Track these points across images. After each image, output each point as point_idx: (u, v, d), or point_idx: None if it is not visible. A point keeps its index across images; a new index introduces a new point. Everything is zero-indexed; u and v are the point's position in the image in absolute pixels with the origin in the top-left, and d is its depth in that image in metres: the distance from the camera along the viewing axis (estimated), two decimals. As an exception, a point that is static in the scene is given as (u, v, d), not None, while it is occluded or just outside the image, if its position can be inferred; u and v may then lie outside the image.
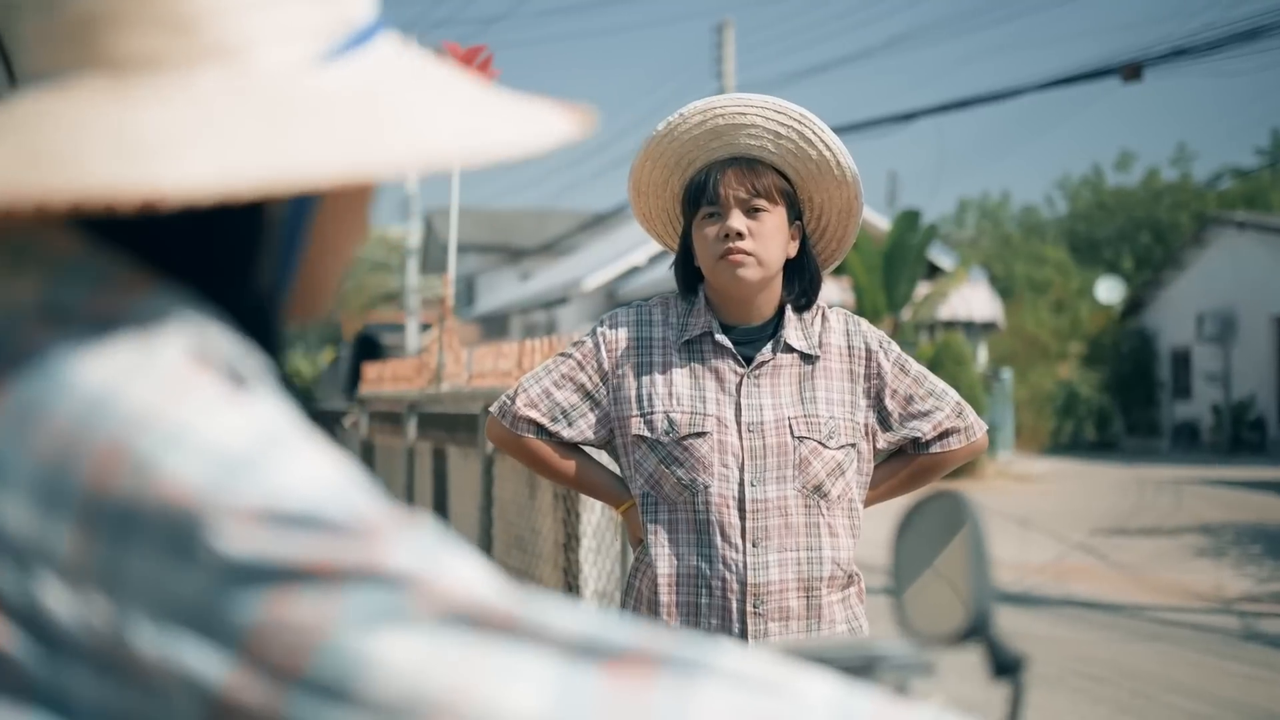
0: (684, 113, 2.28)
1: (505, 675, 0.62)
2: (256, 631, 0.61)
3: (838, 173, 2.29)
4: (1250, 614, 8.78)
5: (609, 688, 0.63)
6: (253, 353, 0.73)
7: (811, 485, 2.24)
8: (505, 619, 0.63)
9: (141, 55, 0.69)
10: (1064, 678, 6.78)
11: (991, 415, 20.05)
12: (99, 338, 0.66)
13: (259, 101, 0.68)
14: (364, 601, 0.62)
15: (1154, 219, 37.88)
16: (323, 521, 0.63)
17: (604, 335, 2.34)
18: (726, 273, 2.26)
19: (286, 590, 0.61)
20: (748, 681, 0.66)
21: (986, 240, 44.82)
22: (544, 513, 4.66)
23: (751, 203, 2.25)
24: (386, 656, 0.61)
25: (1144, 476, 18.58)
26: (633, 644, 0.65)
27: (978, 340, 22.94)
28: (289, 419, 0.68)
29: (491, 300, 32.06)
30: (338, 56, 0.73)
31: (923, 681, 0.96)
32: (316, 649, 0.61)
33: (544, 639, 0.63)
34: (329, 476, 0.65)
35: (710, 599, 2.23)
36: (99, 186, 0.63)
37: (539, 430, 2.35)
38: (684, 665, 0.65)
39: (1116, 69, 12.82)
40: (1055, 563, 11.01)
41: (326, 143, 0.67)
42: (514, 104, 0.76)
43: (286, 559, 0.62)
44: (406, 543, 0.64)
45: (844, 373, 2.32)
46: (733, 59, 18.55)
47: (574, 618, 0.65)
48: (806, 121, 2.26)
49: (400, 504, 0.69)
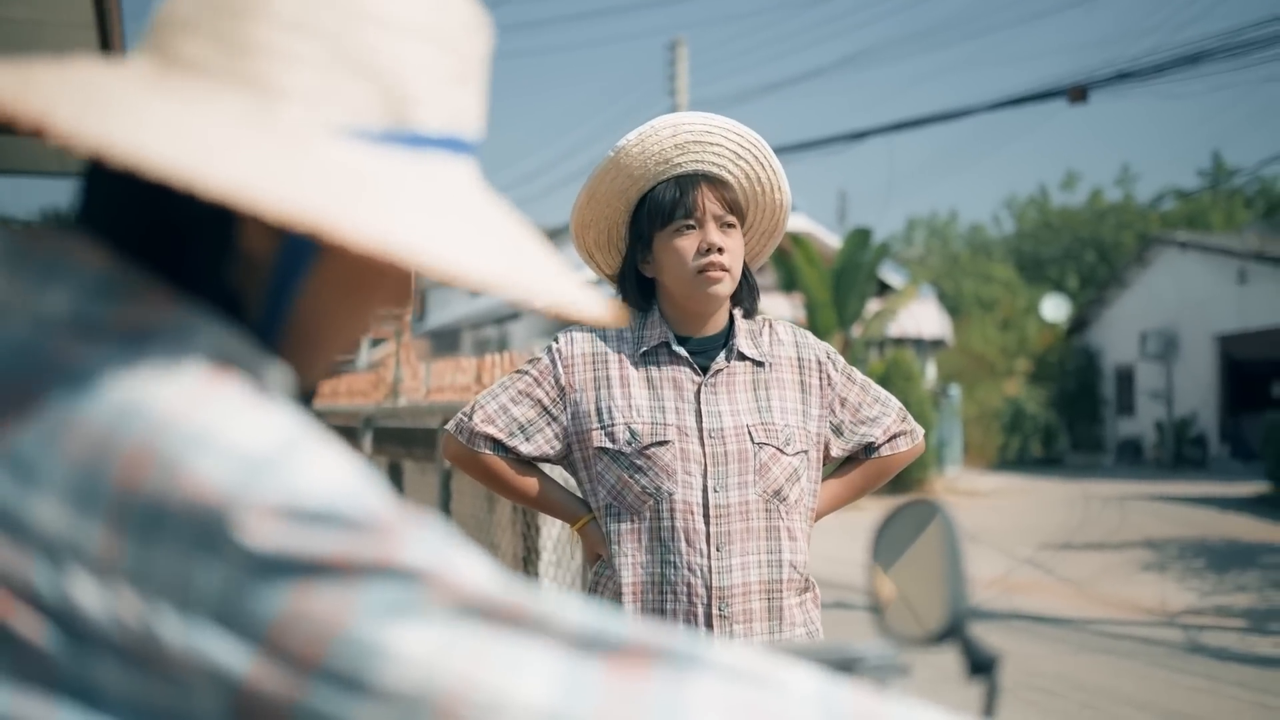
0: (655, 125, 2.33)
1: (514, 666, 0.65)
2: (278, 623, 0.64)
3: (777, 196, 2.39)
4: (1194, 627, 8.92)
5: (611, 679, 0.66)
6: (274, 364, 0.76)
7: (772, 490, 2.29)
8: (514, 612, 0.66)
9: (190, 58, 0.74)
10: (1014, 690, 6.86)
11: (940, 431, 20.26)
12: (128, 348, 0.70)
13: (263, 130, 0.72)
14: (380, 595, 0.65)
15: (1098, 238, 38.42)
16: (341, 518, 0.66)
17: (559, 351, 2.37)
18: (703, 287, 2.30)
19: (307, 583, 0.64)
20: (739, 674, 0.70)
21: (935, 258, 45.25)
22: (503, 527, 4.67)
23: (725, 218, 2.32)
24: (401, 647, 0.64)
25: (1089, 492, 18.82)
26: (632, 637, 0.68)
27: (927, 357, 23.17)
28: (306, 424, 0.71)
29: (442, 315, 31.92)
30: (374, 142, 0.76)
31: (899, 681, 1.00)
32: (335, 640, 0.64)
33: (550, 631, 0.67)
34: (346, 477, 0.68)
35: (676, 604, 2.26)
36: (65, 120, 0.66)
37: (496, 446, 2.36)
38: (680, 658, 0.68)
39: (1063, 91, 13.05)
40: (1003, 577, 11.13)
41: (289, 184, 0.69)
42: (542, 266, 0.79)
43: (307, 553, 0.65)
44: (418, 539, 0.67)
45: (795, 383, 2.38)
46: (685, 76, 18.65)
47: (577, 611, 0.68)
48: (759, 147, 2.35)
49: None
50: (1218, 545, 12.90)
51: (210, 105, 0.72)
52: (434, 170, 0.78)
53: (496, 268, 0.74)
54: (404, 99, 0.77)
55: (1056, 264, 39.24)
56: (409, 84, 0.78)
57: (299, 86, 0.74)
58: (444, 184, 0.78)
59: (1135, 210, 38.53)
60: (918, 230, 52.02)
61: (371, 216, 0.70)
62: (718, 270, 2.29)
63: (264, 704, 0.64)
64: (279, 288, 0.80)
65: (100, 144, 0.65)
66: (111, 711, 0.65)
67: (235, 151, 0.69)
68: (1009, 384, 29.89)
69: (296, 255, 0.80)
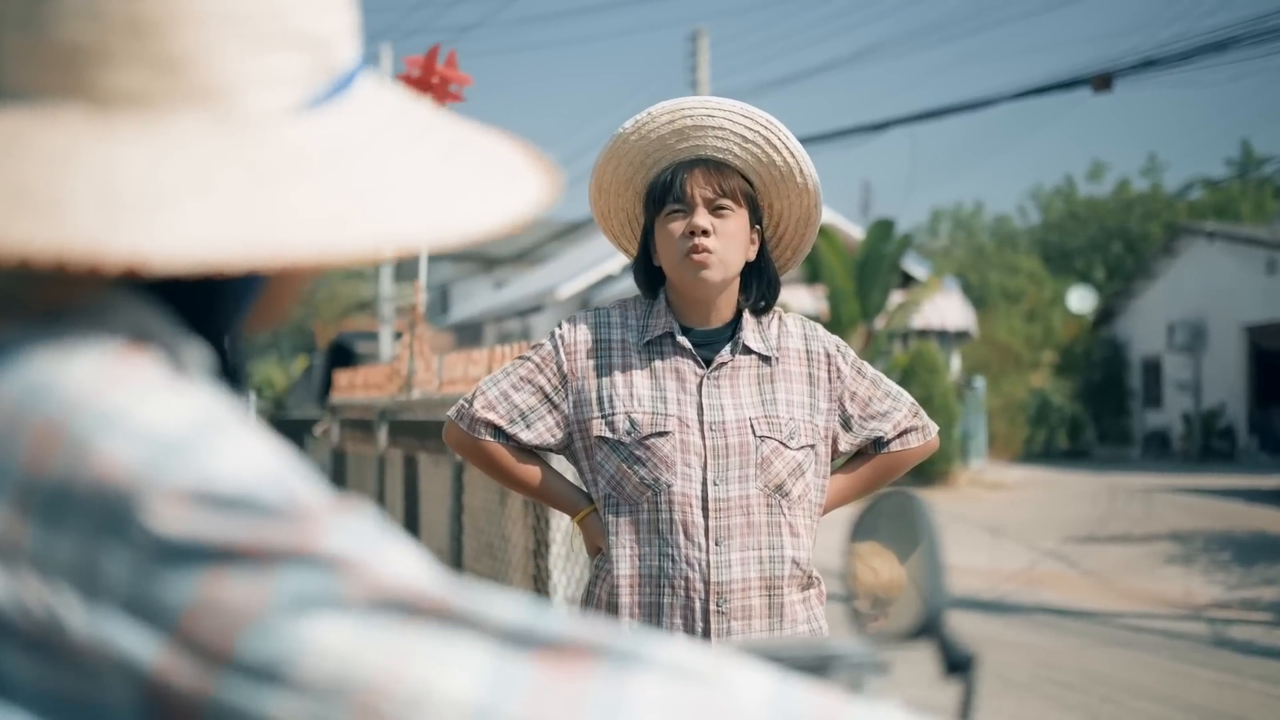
0: (652, 112, 2.29)
1: (437, 661, 0.62)
2: (188, 612, 0.61)
3: (800, 180, 2.31)
4: (1219, 620, 8.84)
5: (542, 676, 0.63)
6: (195, 344, 0.74)
7: (773, 485, 2.25)
8: (438, 606, 0.63)
9: (127, 91, 0.69)
10: (1034, 684, 6.80)
11: (964, 424, 20.15)
12: (44, 327, 0.68)
13: (239, 154, 0.69)
14: (295, 584, 0.62)
15: (1125, 229, 38.13)
16: (255, 504, 0.63)
17: (562, 338, 2.34)
18: (690, 272, 2.27)
19: (218, 571, 0.61)
20: (684, 673, 0.66)
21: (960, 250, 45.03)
22: (514, 520, 4.65)
23: (717, 202, 2.27)
24: (317, 639, 0.61)
25: (1115, 484, 18.69)
26: (568, 634, 0.65)
27: (951, 349, 23.04)
28: (228, 407, 0.68)
29: (466, 309, 32.01)
30: (320, 104, 0.74)
31: (878, 680, 0.96)
32: (246, 630, 0.61)
33: (477, 627, 0.64)
34: (265, 462, 0.65)
35: (673, 598, 2.23)
36: (84, 246, 0.64)
37: (497, 433, 2.34)
38: (620, 656, 0.65)
39: (1087, 80, 12.91)
40: (1026, 570, 11.07)
41: (298, 220, 0.68)
42: (486, 166, 0.76)
43: (218, 540, 0.62)
44: (341, 528, 0.64)
45: (803, 376, 2.34)
46: (706, 67, 18.58)
47: (509, 607, 0.65)
48: (773, 128, 2.27)
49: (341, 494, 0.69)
50: (1245, 538, 12.77)
51: (191, 151, 0.68)
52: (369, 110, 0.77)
53: (478, 213, 0.73)
54: (328, 47, 0.75)
55: (1083, 255, 38.98)
56: (326, 31, 0.75)
57: (246, 82, 0.71)
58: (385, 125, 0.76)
59: (1162, 200, 38.21)
60: (942, 222, 51.77)
61: (368, 229, 0.69)
62: (701, 253, 2.25)
63: (176, 696, 0.61)
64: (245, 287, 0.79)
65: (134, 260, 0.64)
66: (21, 703, 0.63)
67: (236, 211, 0.67)
68: (1035, 376, 29.71)
69: None
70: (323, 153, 0.72)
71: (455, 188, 0.74)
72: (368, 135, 0.75)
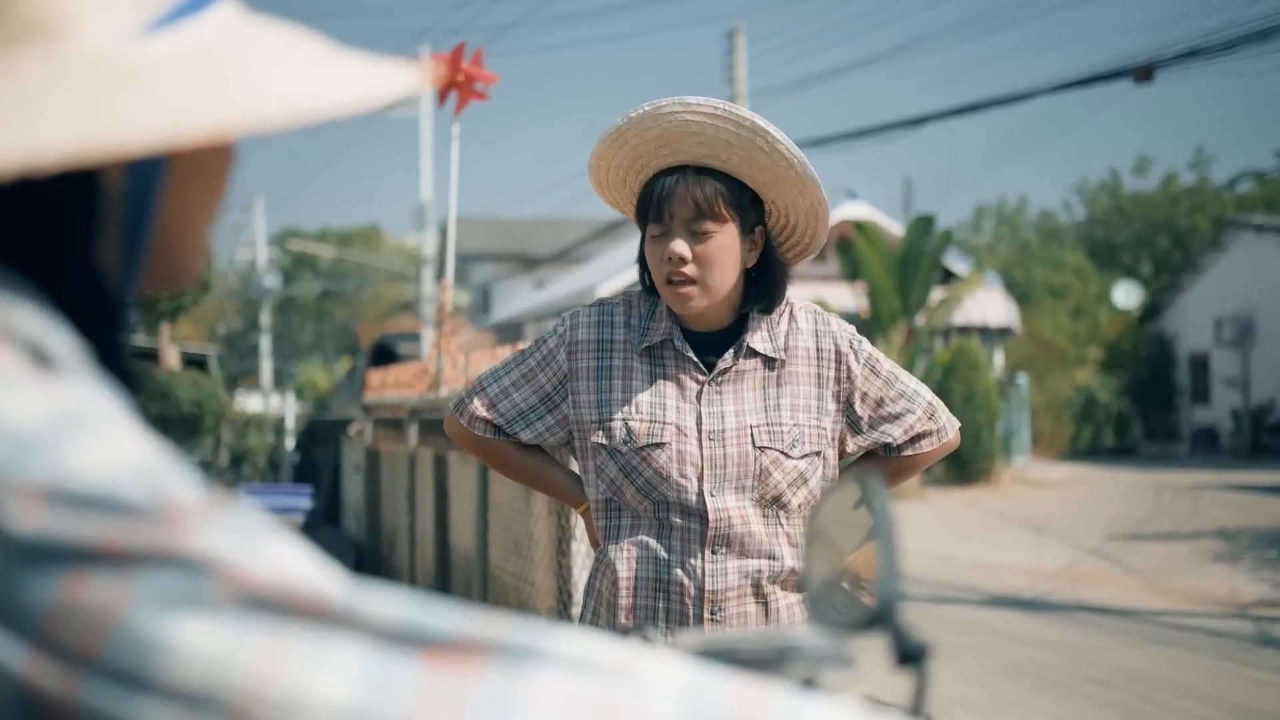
0: (631, 117, 2.17)
1: (313, 662, 0.60)
2: (50, 615, 0.59)
3: (795, 181, 2.19)
4: (1265, 619, 8.68)
5: (427, 676, 0.61)
6: (67, 333, 0.71)
7: (771, 496, 2.19)
8: (314, 606, 0.61)
9: None
10: (1073, 683, 6.71)
11: (1007, 421, 19.99)
12: None
13: (76, 75, 0.67)
14: (159, 584, 0.59)
15: (1172, 223, 37.69)
16: (116, 503, 0.61)
17: (564, 337, 2.29)
18: (671, 299, 2.20)
19: (79, 572, 0.59)
20: (586, 668, 0.63)
21: (1004, 246, 44.67)
22: (539, 517, 4.63)
23: (694, 225, 2.16)
24: (183, 641, 0.59)
25: (1161, 482, 18.44)
26: (457, 632, 0.62)
27: (993, 346, 22.84)
28: (100, 402, 0.66)
29: (507, 309, 32.10)
30: (165, 25, 0.72)
31: (838, 674, 0.92)
32: (109, 632, 0.59)
33: (357, 626, 0.61)
34: (131, 459, 0.63)
35: (669, 604, 2.20)
36: None
37: (496, 431, 2.31)
38: (514, 652, 0.62)
39: (1128, 71, 12.74)
40: (1069, 568, 10.93)
41: (143, 110, 0.66)
42: (352, 61, 0.74)
43: (76, 539, 0.60)
44: (213, 527, 0.62)
45: (811, 376, 2.25)
46: (744, 65, 18.52)
47: (393, 606, 0.63)
48: (758, 131, 2.12)
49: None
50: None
51: (23, 81, 0.67)
52: (225, 27, 0.74)
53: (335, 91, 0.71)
54: None
55: (1129, 250, 38.56)
56: None
57: (75, 8, 0.69)
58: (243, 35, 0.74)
59: (1210, 193, 37.72)
60: (986, 218, 51.35)
61: (223, 105, 0.67)
62: (680, 282, 2.17)
63: (48, 702, 0.59)
64: (137, 214, 0.76)
65: None
66: None
67: (66, 114, 0.64)
68: (1081, 373, 29.41)
69: (148, 176, 0.76)
70: (171, 58, 0.70)
71: (320, 73, 0.73)
72: (224, 42, 0.73)
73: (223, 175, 0.81)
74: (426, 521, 6.97)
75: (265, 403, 26.26)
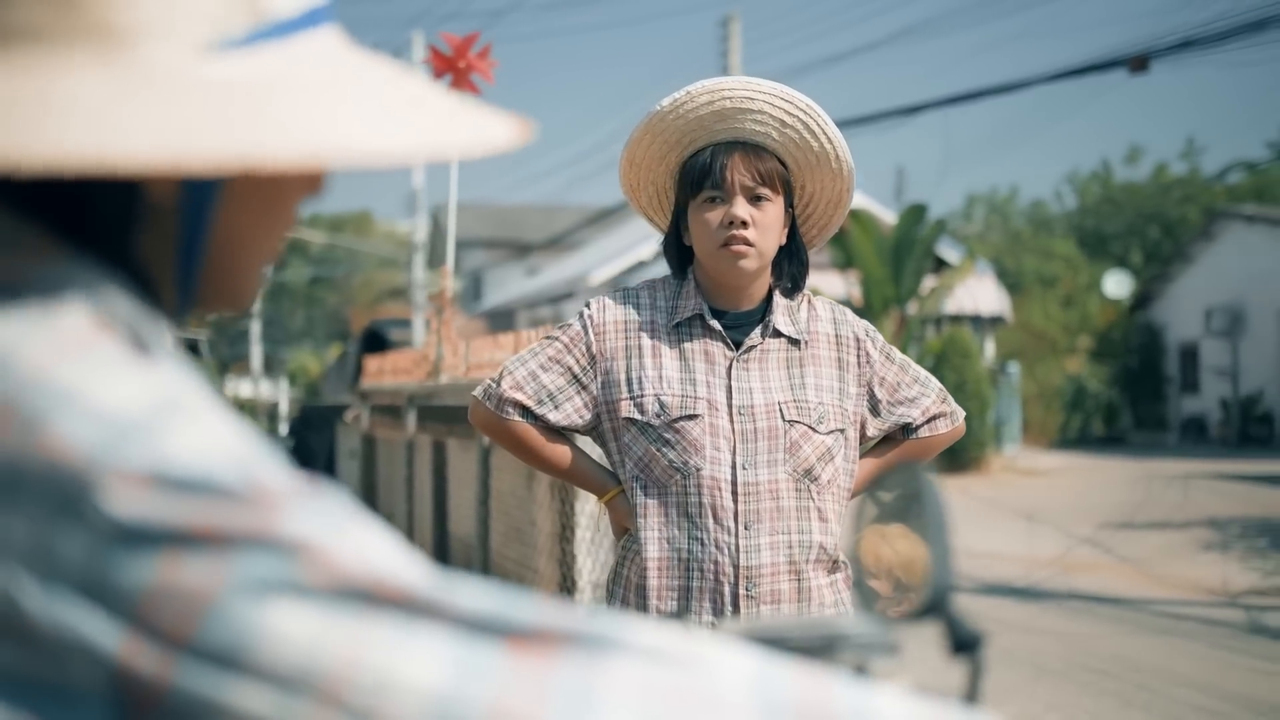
0: (691, 91, 2.26)
1: (400, 649, 0.61)
2: (147, 597, 0.60)
3: (835, 165, 2.31)
4: (1256, 608, 8.73)
5: (511, 664, 0.62)
6: (158, 321, 0.72)
7: (803, 469, 2.24)
8: (402, 594, 0.62)
9: (24, 26, 0.68)
10: (1069, 671, 6.75)
11: (998, 410, 20.01)
12: (2, 301, 0.66)
13: (139, 83, 0.67)
14: (254, 568, 0.60)
15: (1163, 213, 37.74)
16: (214, 487, 0.61)
17: (591, 318, 2.32)
18: (727, 261, 2.25)
19: (176, 555, 0.60)
20: (660, 657, 0.65)
21: (995, 235, 44.71)
22: (541, 504, 4.64)
23: (756, 190, 2.25)
24: (278, 625, 0.60)
25: (1151, 471, 18.51)
26: (538, 622, 0.64)
27: (985, 334, 22.88)
28: (193, 387, 0.67)
29: (499, 295, 32.06)
30: (242, 46, 0.71)
31: (886, 661, 0.93)
32: (205, 615, 0.60)
33: (445, 614, 0.63)
34: (225, 444, 0.64)
35: (702, 582, 2.22)
36: None
37: (525, 413, 2.32)
38: (593, 641, 0.64)
39: (1123, 61, 12.75)
40: (1061, 556, 10.97)
41: (179, 127, 0.65)
42: (440, 104, 0.74)
43: (173, 522, 0.60)
44: (303, 512, 0.63)
45: (832, 360, 2.32)
46: (738, 52, 18.49)
47: (478, 595, 0.64)
48: (812, 113, 2.26)
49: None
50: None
51: (66, 75, 0.67)
52: (304, 52, 0.73)
53: (402, 138, 0.70)
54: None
55: (1120, 240, 38.60)
56: None
57: (146, 19, 0.69)
58: (320, 65, 0.73)
59: (1200, 184, 37.77)
60: (977, 207, 51.40)
61: (268, 133, 0.66)
62: (740, 244, 2.23)
63: (141, 681, 0.60)
64: (191, 226, 0.76)
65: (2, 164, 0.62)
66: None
67: (111, 119, 0.64)
68: (1071, 361, 29.47)
69: (200, 190, 0.75)
70: (239, 81, 0.69)
71: (402, 114, 0.72)
72: (307, 71, 0.72)
73: (282, 204, 0.80)
74: (424, 507, 6.98)
75: (255, 388, 26.21)
